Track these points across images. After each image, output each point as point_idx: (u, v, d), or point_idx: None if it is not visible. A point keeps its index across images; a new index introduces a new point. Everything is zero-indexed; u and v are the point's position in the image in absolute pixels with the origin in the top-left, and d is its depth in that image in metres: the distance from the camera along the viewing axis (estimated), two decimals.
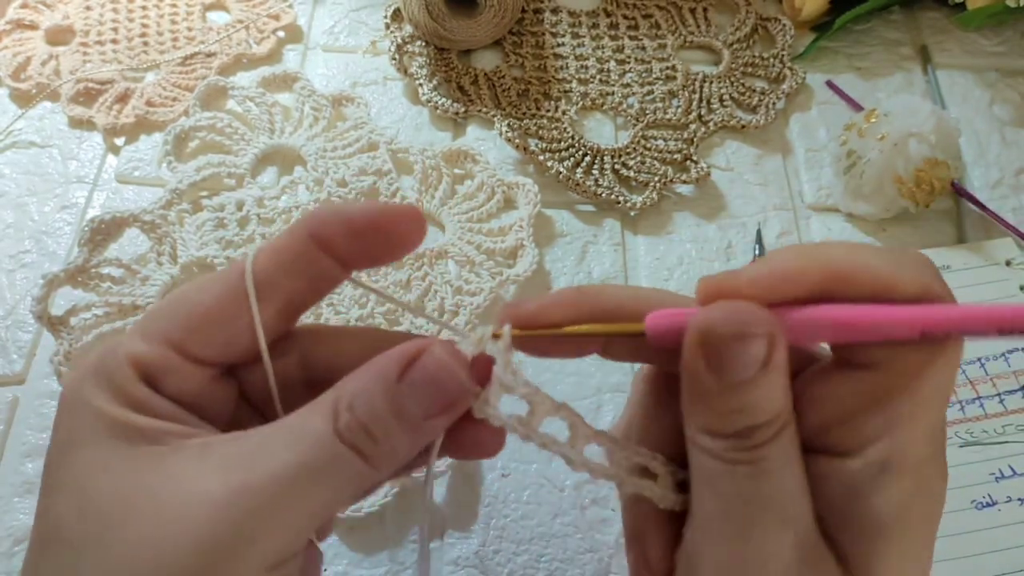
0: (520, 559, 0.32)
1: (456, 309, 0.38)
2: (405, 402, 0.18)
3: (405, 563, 0.32)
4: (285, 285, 0.19)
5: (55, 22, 0.50)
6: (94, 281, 0.38)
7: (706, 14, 0.52)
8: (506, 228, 0.41)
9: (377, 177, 0.42)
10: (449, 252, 0.40)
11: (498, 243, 0.40)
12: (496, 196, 0.42)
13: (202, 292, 0.19)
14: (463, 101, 0.46)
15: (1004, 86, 0.48)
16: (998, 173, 0.44)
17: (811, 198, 0.44)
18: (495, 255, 0.40)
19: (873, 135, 0.40)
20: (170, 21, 0.51)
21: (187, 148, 0.44)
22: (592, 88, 0.47)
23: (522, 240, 0.40)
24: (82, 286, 0.38)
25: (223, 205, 0.41)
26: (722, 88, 0.48)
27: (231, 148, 0.43)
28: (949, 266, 0.40)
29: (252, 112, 0.45)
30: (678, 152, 0.44)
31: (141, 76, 0.48)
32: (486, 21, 0.47)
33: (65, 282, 0.37)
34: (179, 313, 0.19)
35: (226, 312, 0.19)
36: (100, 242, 0.38)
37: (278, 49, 0.50)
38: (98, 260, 0.38)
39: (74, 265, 0.37)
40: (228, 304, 0.19)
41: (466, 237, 0.40)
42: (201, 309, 0.19)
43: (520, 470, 0.34)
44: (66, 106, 0.46)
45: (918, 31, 0.51)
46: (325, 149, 0.43)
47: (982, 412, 0.35)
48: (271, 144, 0.44)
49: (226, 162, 0.43)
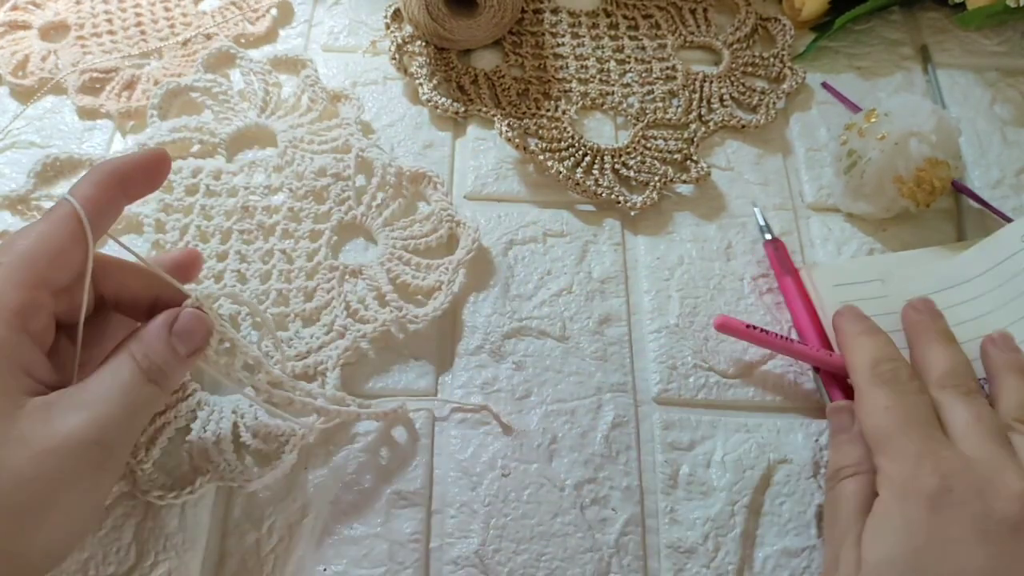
0: (520, 558, 0.32)
1: (343, 331, 0.37)
2: (175, 344, 0.27)
3: (405, 563, 0.32)
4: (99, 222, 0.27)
5: (47, 20, 0.50)
6: (33, 212, 0.40)
7: (706, 14, 0.52)
8: (433, 266, 0.39)
9: (334, 180, 0.41)
10: (364, 273, 0.38)
11: (418, 278, 0.38)
12: (440, 231, 0.40)
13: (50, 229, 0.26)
14: (463, 101, 0.46)
15: (1005, 86, 0.48)
16: (999, 173, 0.44)
17: (811, 198, 0.44)
18: (407, 289, 0.38)
19: (873, 135, 0.40)
20: (163, 8, 0.51)
21: (174, 106, 0.45)
22: (592, 88, 0.47)
23: (442, 283, 0.38)
24: (20, 214, 0.40)
25: (180, 168, 0.41)
26: (722, 88, 0.48)
27: (217, 115, 0.44)
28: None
29: (252, 86, 0.45)
30: (678, 152, 0.44)
31: (144, 63, 0.48)
32: (486, 21, 0.47)
33: (5, 207, 0.40)
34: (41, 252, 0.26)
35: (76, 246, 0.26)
36: (50, 178, 0.41)
37: (274, 28, 0.51)
38: (41, 194, 0.40)
39: (16, 193, 0.40)
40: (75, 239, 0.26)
41: (388, 264, 0.39)
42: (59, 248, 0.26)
43: (520, 469, 0.34)
44: (75, 96, 0.46)
45: (918, 31, 0.51)
46: (302, 139, 0.43)
47: None
48: (255, 122, 0.44)
49: (204, 128, 0.43)
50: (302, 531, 0.33)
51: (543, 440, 0.35)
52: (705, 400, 0.37)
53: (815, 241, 0.42)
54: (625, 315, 0.39)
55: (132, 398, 0.26)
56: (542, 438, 0.35)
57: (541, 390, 0.36)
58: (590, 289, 0.40)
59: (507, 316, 0.38)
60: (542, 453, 0.35)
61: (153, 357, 0.27)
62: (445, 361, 0.37)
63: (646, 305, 0.39)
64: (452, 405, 0.36)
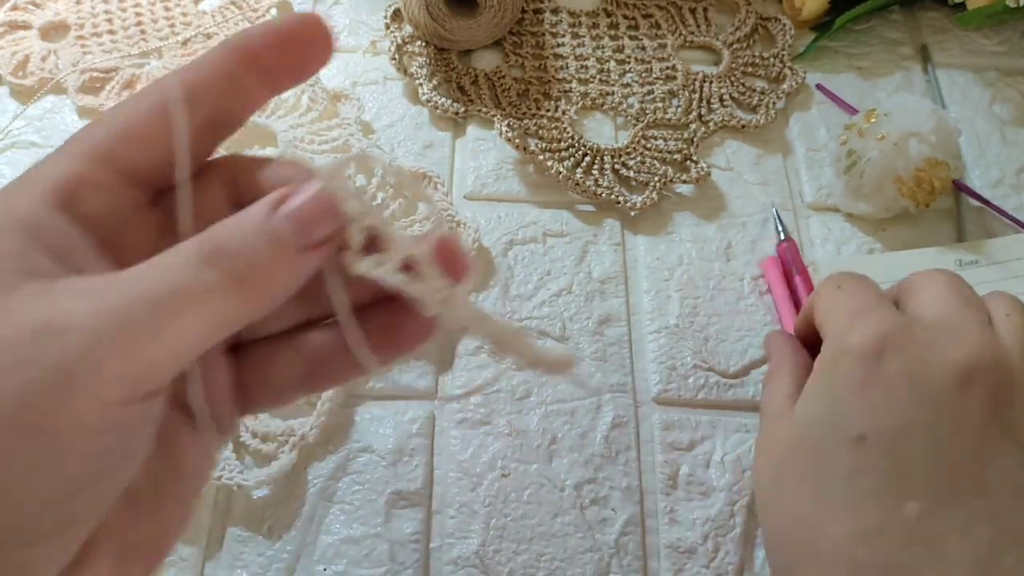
0: (520, 559, 0.32)
1: None
2: (278, 228, 0.17)
3: (405, 563, 0.32)
4: (208, 99, 0.19)
5: (47, 20, 0.50)
6: None
7: (706, 14, 0.52)
8: None
9: None
10: None
11: None
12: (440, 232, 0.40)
13: (128, 107, 0.19)
14: (463, 101, 0.46)
15: (1004, 85, 0.48)
16: (998, 173, 0.44)
17: (811, 198, 0.44)
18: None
19: (873, 135, 0.40)
20: (163, 8, 0.51)
21: None
22: (592, 88, 0.47)
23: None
24: None
25: None
26: (722, 88, 0.48)
27: None
28: (977, 260, 0.40)
29: None
30: (678, 152, 0.44)
31: (144, 63, 0.48)
32: (486, 21, 0.47)
33: None
34: (106, 126, 0.19)
35: (155, 123, 0.18)
36: None
37: None
38: None
39: None
40: (157, 116, 0.18)
41: None
42: (129, 120, 0.19)
43: (520, 470, 0.34)
44: (75, 96, 0.46)
45: (918, 31, 0.51)
46: (302, 139, 0.43)
47: None
48: (255, 122, 0.44)
49: None
50: (302, 531, 0.33)
51: (543, 440, 0.35)
52: (705, 400, 0.37)
53: (815, 241, 0.42)
54: (625, 315, 0.39)
55: (157, 285, 0.16)
56: (542, 438, 0.35)
57: (541, 390, 0.36)
58: (590, 289, 0.40)
59: (507, 316, 0.39)
60: (542, 453, 0.35)
61: (226, 241, 0.17)
62: (445, 361, 0.37)
63: (646, 305, 0.39)
64: (454, 404, 0.36)
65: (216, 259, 0.16)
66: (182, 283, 0.16)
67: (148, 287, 0.16)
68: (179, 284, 0.16)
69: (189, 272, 0.16)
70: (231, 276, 0.16)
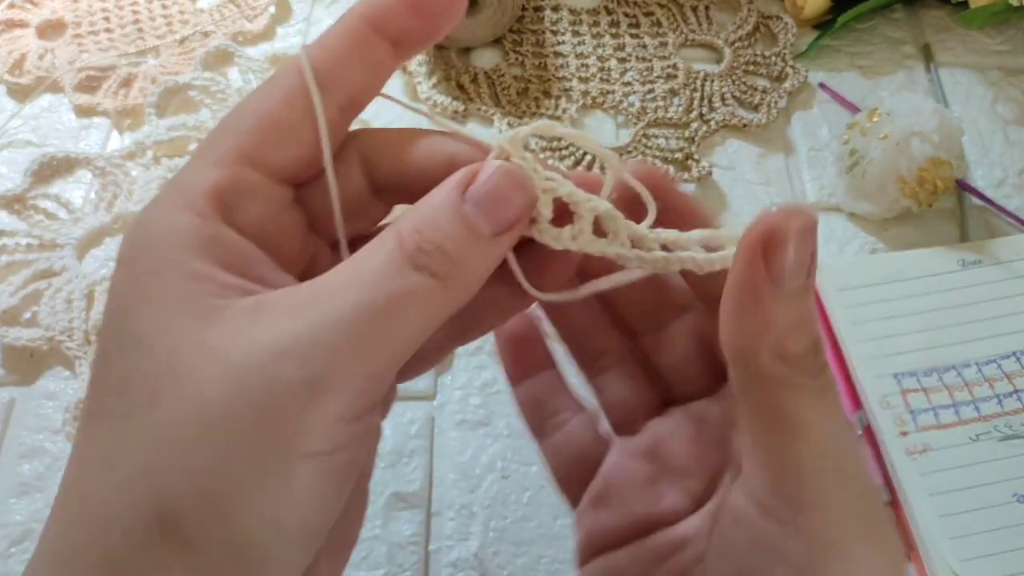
0: (520, 561, 0.32)
1: None
2: (472, 217, 0.17)
3: (404, 565, 0.32)
4: (344, 77, 0.18)
5: (44, 18, 0.50)
6: (29, 212, 0.39)
7: (708, 12, 0.51)
8: None
9: None
10: None
11: None
12: None
13: (264, 99, 0.18)
14: (462, 99, 0.46)
15: (1007, 85, 0.48)
16: (1001, 172, 0.44)
17: (813, 197, 0.43)
18: None
19: (875, 134, 0.40)
20: (160, 6, 0.51)
21: (172, 104, 0.45)
22: (593, 87, 0.47)
23: None
24: (16, 214, 0.39)
25: (178, 168, 0.41)
26: (724, 86, 0.47)
27: (216, 114, 0.44)
28: (980, 260, 0.39)
29: (251, 84, 0.45)
30: (679, 151, 0.44)
31: (141, 61, 0.48)
32: (486, 19, 0.46)
33: (2, 206, 0.39)
34: (247, 124, 0.17)
35: (294, 113, 0.17)
36: (47, 176, 0.40)
37: (272, 26, 0.50)
38: (37, 193, 0.40)
39: (13, 192, 0.39)
40: (296, 105, 0.18)
41: None
42: (270, 114, 0.17)
43: (520, 472, 0.34)
44: (71, 95, 0.46)
45: (920, 29, 0.51)
46: None
47: (1020, 405, 0.35)
48: None
49: (202, 127, 0.43)
50: None
51: None
52: None
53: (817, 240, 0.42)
54: None
55: (374, 295, 0.15)
56: None
57: None
58: None
59: None
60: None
61: (428, 233, 0.16)
62: (445, 362, 0.37)
63: None
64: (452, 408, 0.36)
65: (420, 259, 0.16)
66: (397, 290, 0.16)
67: (365, 299, 0.15)
68: (394, 291, 0.16)
69: (399, 277, 0.16)
70: (435, 275, 0.16)
